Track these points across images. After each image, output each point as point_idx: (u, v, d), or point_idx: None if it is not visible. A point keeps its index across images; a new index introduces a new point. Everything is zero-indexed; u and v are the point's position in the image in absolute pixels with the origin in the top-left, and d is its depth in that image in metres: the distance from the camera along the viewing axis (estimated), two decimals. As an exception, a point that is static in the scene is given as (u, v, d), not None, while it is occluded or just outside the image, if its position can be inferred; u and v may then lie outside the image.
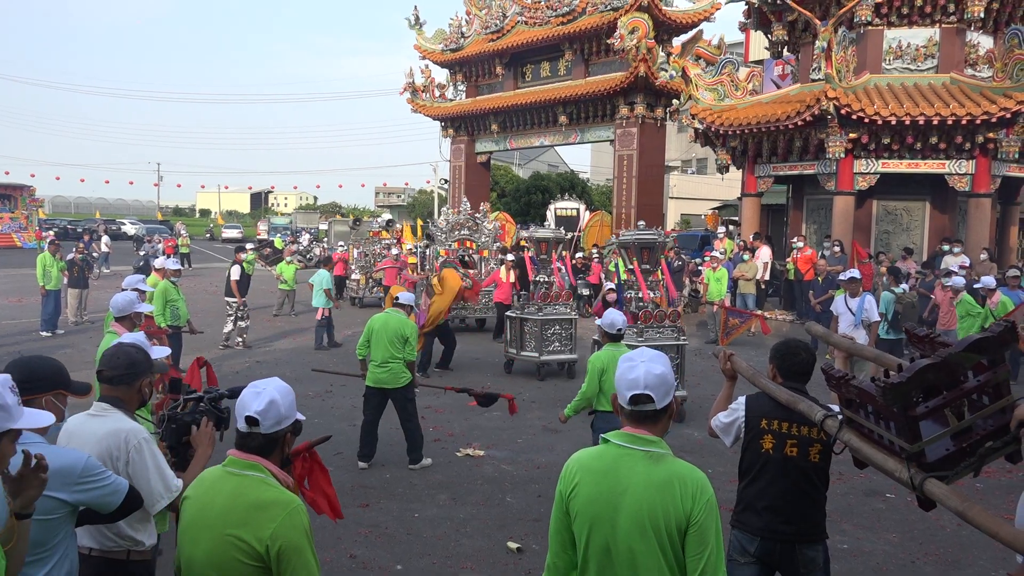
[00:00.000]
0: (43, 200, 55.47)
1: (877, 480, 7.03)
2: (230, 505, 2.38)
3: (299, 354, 13.30)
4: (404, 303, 7.77)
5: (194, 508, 2.46)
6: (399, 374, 7.37)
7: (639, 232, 10.18)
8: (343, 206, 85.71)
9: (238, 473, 2.42)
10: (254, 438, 2.44)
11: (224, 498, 2.40)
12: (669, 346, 9.22)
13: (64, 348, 13.13)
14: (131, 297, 5.88)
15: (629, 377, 2.45)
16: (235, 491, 2.40)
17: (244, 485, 2.40)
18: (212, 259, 38.19)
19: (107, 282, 22.88)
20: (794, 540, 3.51)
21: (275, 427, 2.46)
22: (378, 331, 7.43)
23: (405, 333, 7.43)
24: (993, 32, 16.85)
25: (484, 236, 17.40)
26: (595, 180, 54.26)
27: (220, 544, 2.36)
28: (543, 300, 11.83)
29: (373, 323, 7.54)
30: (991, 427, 2.54)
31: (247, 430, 2.44)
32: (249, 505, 2.37)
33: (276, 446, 2.49)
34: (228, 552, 2.35)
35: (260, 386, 2.49)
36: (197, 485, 2.53)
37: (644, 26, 21.47)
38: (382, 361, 7.37)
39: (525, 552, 5.61)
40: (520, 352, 11.95)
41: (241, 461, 2.44)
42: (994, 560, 5.54)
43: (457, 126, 29.38)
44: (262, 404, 2.42)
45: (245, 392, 2.48)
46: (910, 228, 17.02)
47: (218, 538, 2.36)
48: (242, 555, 2.34)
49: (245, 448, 2.45)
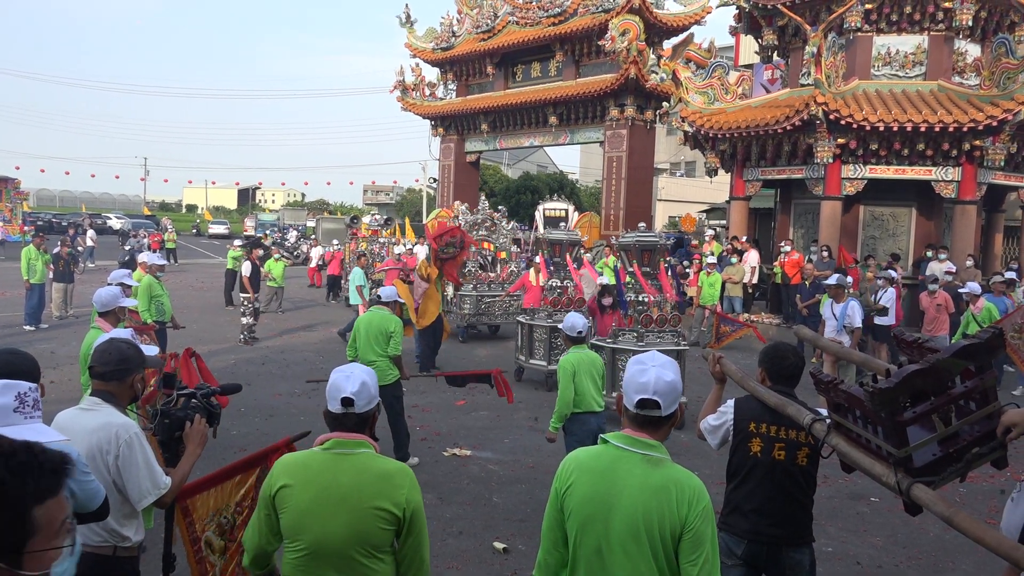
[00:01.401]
0: (28, 193, 54.98)
1: (862, 484, 7.07)
2: (359, 480, 2.56)
3: (284, 351, 13.25)
4: (386, 300, 7.81)
5: (312, 491, 2.56)
6: (385, 372, 7.39)
7: (640, 234, 10.08)
8: (331, 203, 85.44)
9: (350, 452, 2.61)
10: (349, 418, 2.62)
11: (349, 475, 2.57)
12: (669, 351, 8.73)
13: (48, 342, 13.03)
14: (115, 292, 5.84)
15: (640, 380, 2.43)
16: (357, 467, 2.59)
17: (362, 461, 2.60)
18: (198, 255, 37.99)
19: (92, 276, 22.69)
20: (781, 543, 3.52)
21: (367, 406, 2.64)
22: (363, 331, 7.52)
23: (388, 328, 7.48)
24: (981, 41, 16.99)
25: (503, 237, 16.72)
26: (584, 181, 54.37)
27: (361, 516, 2.54)
28: (554, 306, 11.36)
29: (360, 324, 7.63)
30: (978, 433, 2.56)
31: (342, 411, 2.60)
32: (376, 477, 2.58)
33: (368, 424, 2.68)
34: (371, 522, 2.55)
35: (348, 370, 2.66)
36: (300, 471, 2.61)
37: (635, 28, 21.53)
38: (367, 361, 7.38)
39: (511, 552, 5.61)
40: (529, 360, 11.48)
41: (348, 441, 2.62)
42: (977, 564, 5.59)
43: (447, 125, 29.35)
44: (356, 385, 2.59)
45: (335, 377, 2.63)
46: (896, 234, 17.13)
47: (358, 511, 2.54)
48: (383, 522, 2.56)
49: (343, 428, 2.62)
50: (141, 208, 73.15)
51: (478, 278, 15.39)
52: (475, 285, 15.24)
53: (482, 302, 15.22)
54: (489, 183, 42.61)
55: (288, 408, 9.35)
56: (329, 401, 2.63)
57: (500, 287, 15.27)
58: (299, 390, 10.01)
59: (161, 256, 11.38)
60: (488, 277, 15.58)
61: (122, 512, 3.00)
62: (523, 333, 11.67)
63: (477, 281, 15.30)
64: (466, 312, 15.16)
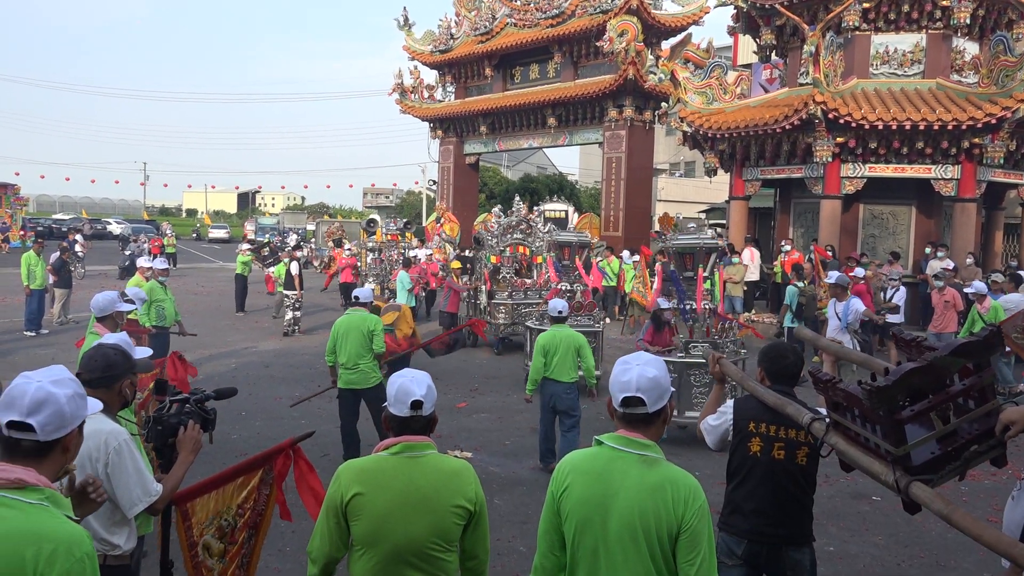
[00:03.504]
0: (28, 199, 55.02)
1: (863, 483, 7.06)
2: (435, 481, 2.65)
3: (282, 355, 13.24)
4: (364, 301, 7.82)
5: (389, 496, 2.61)
6: (369, 374, 7.43)
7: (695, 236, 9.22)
8: (331, 206, 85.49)
9: (420, 454, 2.67)
10: (417, 421, 2.68)
11: (425, 477, 2.64)
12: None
13: (48, 347, 13.03)
14: (112, 296, 5.84)
15: (622, 380, 2.44)
16: (430, 469, 2.67)
17: (432, 462, 2.68)
18: (198, 259, 37.99)
19: (91, 282, 22.69)
20: (781, 543, 3.52)
21: (432, 409, 2.71)
22: (343, 334, 7.47)
23: (369, 327, 7.48)
24: (979, 38, 16.98)
25: (539, 240, 15.26)
26: (584, 182, 54.31)
27: (442, 516, 2.63)
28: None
29: (338, 327, 7.57)
30: (976, 431, 2.55)
31: (411, 414, 2.65)
32: (449, 476, 2.68)
33: (432, 426, 2.75)
34: (450, 520, 2.65)
35: (410, 374, 2.72)
36: (372, 477, 2.64)
37: (633, 29, 21.55)
38: (351, 363, 7.42)
39: (512, 553, 5.61)
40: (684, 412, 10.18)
41: (417, 444, 2.68)
42: (979, 563, 5.58)
43: (446, 127, 29.37)
44: (424, 389, 2.66)
45: (401, 382, 2.67)
46: (896, 232, 17.11)
47: (438, 511, 2.63)
48: (458, 518, 2.66)
49: (410, 431, 2.68)
50: (141, 213, 73.22)
51: (513, 284, 14.42)
52: (510, 292, 14.22)
53: (518, 310, 14.01)
54: (489, 185, 42.59)
55: (289, 411, 9.35)
56: (395, 406, 2.67)
57: (538, 294, 14.02)
58: (297, 393, 10.00)
59: (163, 260, 11.35)
60: (524, 283, 14.53)
61: (112, 520, 2.98)
62: (532, 339, 10.92)
63: (512, 288, 14.30)
64: (501, 322, 14.10)
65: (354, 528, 2.62)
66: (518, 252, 15.22)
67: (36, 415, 1.97)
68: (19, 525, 1.88)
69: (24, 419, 1.96)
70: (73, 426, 2.07)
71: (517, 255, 15.25)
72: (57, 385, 2.02)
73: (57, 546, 1.88)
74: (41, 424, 1.97)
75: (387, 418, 2.71)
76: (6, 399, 1.99)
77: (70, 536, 1.93)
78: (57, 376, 2.05)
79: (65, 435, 2.04)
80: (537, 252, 15.24)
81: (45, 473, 2.00)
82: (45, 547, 1.86)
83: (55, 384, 2.02)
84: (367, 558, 2.62)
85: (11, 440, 1.98)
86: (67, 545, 1.90)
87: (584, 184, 52.64)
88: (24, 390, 1.98)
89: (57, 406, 2.00)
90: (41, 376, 2.03)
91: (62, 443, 2.05)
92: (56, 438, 2.02)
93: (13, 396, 1.98)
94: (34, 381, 2.00)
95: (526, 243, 15.26)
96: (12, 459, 1.98)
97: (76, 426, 2.08)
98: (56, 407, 1.99)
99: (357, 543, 2.64)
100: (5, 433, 1.98)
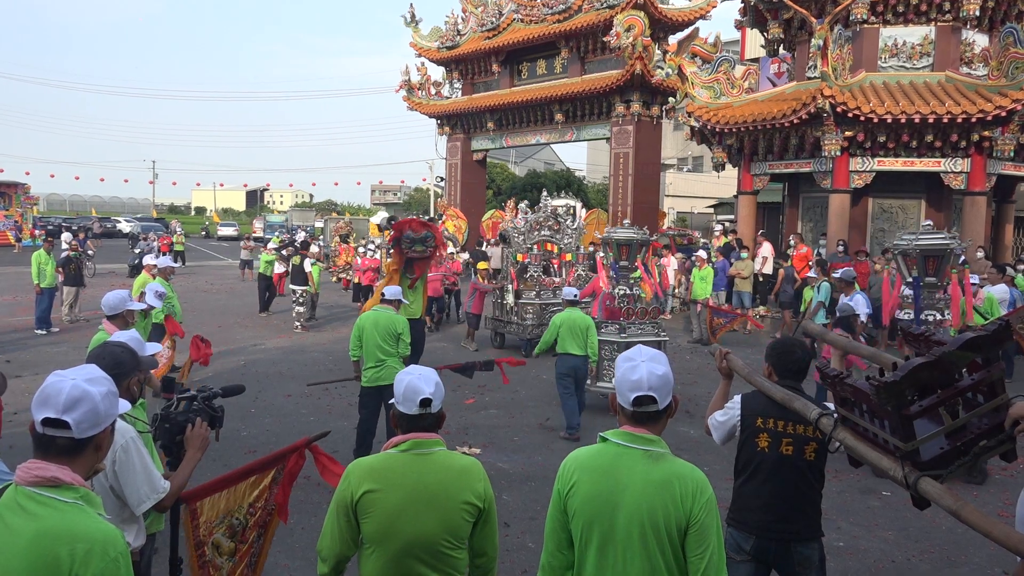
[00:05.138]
0: (38, 198, 55.32)
1: (873, 478, 7.04)
2: (444, 478, 2.65)
3: (291, 353, 13.27)
4: (391, 299, 7.68)
5: (400, 493, 2.61)
6: (395, 372, 7.33)
7: (632, 231, 9.58)
8: (339, 204, 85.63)
9: (429, 451, 2.68)
10: (426, 418, 2.68)
11: (435, 474, 2.65)
12: None
13: (59, 345, 13.10)
14: (122, 295, 5.88)
15: (632, 379, 2.42)
16: (439, 466, 2.67)
17: (441, 459, 2.69)
18: (207, 257, 38.12)
19: (101, 280, 22.79)
20: (790, 538, 3.51)
21: (440, 406, 2.71)
22: (369, 330, 7.31)
23: (397, 329, 7.35)
24: (988, 30, 16.87)
25: (567, 238, 14.57)
26: (591, 178, 54.30)
27: (452, 512, 2.64)
28: (627, 318, 9.70)
29: (363, 322, 7.42)
30: (985, 426, 2.53)
31: (420, 412, 2.65)
32: (458, 473, 2.68)
33: (440, 423, 2.74)
34: (459, 516, 2.65)
35: (417, 371, 2.71)
36: (382, 475, 2.64)
37: (640, 24, 21.47)
38: (376, 361, 7.32)
39: (521, 549, 5.61)
40: (596, 383, 9.48)
41: (426, 441, 2.68)
42: (990, 558, 5.56)
43: (453, 124, 29.36)
44: (432, 387, 2.66)
45: (409, 380, 2.66)
46: (905, 226, 17.03)
47: (448, 507, 2.63)
48: (468, 515, 2.67)
49: (419, 428, 2.68)
50: (150, 211, 73.52)
51: (541, 283, 13.84)
52: (538, 292, 13.67)
53: (547, 311, 13.24)
54: (496, 181, 42.61)
55: (298, 409, 9.37)
56: (404, 404, 2.67)
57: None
58: (308, 390, 10.03)
59: (171, 259, 11.41)
60: (553, 283, 13.98)
61: (120, 516, 2.98)
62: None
63: (540, 287, 13.75)
64: (528, 323, 13.45)
65: (364, 526, 2.63)
66: (546, 249, 14.53)
67: (71, 412, 1.98)
68: (55, 524, 1.90)
69: (60, 416, 1.97)
70: (106, 424, 2.08)
71: (546, 252, 14.54)
72: (92, 383, 2.03)
73: (92, 546, 1.90)
74: (76, 421, 1.98)
75: (395, 416, 2.71)
76: (41, 397, 2.00)
77: (105, 536, 1.94)
78: (91, 374, 2.06)
79: (99, 433, 2.06)
80: (566, 250, 14.57)
81: (78, 471, 2.01)
82: (80, 547, 1.88)
83: (90, 382, 2.03)
84: (377, 556, 2.62)
85: (45, 437, 1.99)
86: (102, 545, 1.91)
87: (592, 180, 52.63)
88: (59, 388, 1.99)
89: (92, 404, 2.01)
90: (75, 374, 2.04)
91: (95, 441, 2.06)
92: (90, 436, 2.03)
93: (48, 394, 1.99)
94: (68, 379, 2.02)
95: (554, 240, 14.49)
96: (46, 457, 1.99)
97: (109, 424, 2.10)
98: (91, 405, 2.00)
99: (367, 541, 2.64)
100: (40, 430, 2.00)
